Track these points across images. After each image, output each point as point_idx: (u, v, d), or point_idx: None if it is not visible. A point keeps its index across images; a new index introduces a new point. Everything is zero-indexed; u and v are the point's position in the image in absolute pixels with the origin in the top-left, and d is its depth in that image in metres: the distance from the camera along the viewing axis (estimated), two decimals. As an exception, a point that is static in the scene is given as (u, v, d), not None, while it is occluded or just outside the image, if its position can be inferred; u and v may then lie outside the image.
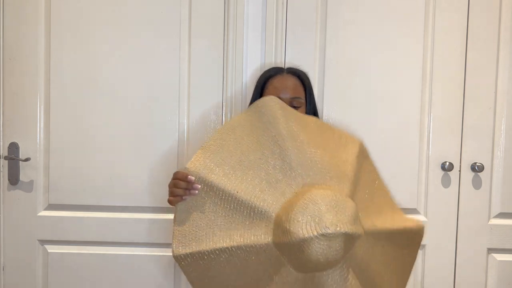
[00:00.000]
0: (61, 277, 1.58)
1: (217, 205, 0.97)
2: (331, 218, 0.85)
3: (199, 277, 1.00)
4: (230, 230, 0.95)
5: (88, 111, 1.54)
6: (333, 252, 0.86)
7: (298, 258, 0.89)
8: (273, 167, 0.97)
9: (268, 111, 1.01)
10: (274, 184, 0.96)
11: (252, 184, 0.96)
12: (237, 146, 1.00)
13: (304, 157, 0.98)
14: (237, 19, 1.53)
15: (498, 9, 1.53)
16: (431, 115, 1.55)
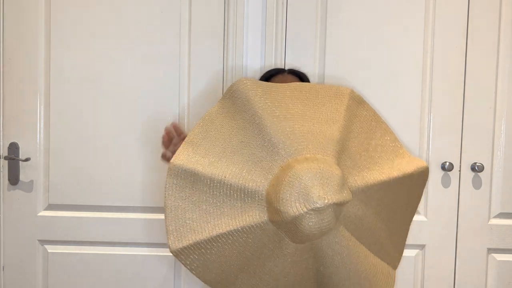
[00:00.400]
0: (61, 277, 1.58)
1: (206, 194, 0.97)
2: (318, 192, 0.87)
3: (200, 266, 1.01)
4: (224, 216, 0.95)
5: (88, 111, 1.54)
6: (325, 223, 0.89)
7: (293, 232, 0.91)
8: (256, 147, 0.98)
9: (240, 94, 1.02)
10: (259, 163, 0.96)
11: (239, 167, 0.97)
12: (219, 135, 1.01)
13: (283, 131, 0.98)
14: (237, 19, 1.53)
15: (498, 9, 1.53)
16: (431, 115, 1.55)
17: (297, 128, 1.00)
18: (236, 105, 1.02)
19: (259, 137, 0.98)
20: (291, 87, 1.07)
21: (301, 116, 1.02)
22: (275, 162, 0.96)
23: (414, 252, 1.58)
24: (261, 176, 0.95)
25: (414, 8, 1.54)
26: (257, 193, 0.94)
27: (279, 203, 0.89)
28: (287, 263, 0.98)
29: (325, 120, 1.03)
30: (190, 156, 0.99)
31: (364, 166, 1.02)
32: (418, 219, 1.57)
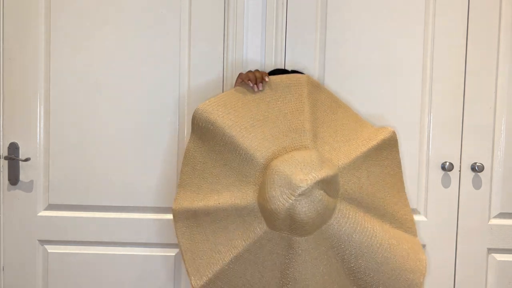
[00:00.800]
0: (61, 277, 1.58)
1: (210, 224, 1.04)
2: (298, 177, 0.89)
3: None
4: (231, 240, 1.00)
5: (88, 111, 1.54)
6: (319, 204, 0.90)
7: (294, 225, 0.92)
8: (237, 164, 1.03)
9: (204, 123, 1.06)
10: (245, 178, 1.01)
11: (229, 189, 1.02)
12: (204, 168, 1.07)
13: (256, 140, 1.02)
14: (237, 19, 1.53)
15: (498, 9, 1.53)
16: (431, 115, 1.55)
17: (267, 132, 1.03)
18: (207, 132, 1.07)
19: (236, 154, 1.02)
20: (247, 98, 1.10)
21: (267, 119, 1.06)
22: (257, 172, 0.99)
23: (414, 252, 1.58)
24: (249, 190, 0.99)
25: (414, 8, 1.54)
26: (250, 207, 0.98)
27: (268, 203, 0.91)
28: (307, 263, 0.97)
29: (290, 114, 1.06)
30: (185, 197, 1.08)
31: (341, 146, 1.06)
32: (418, 219, 1.57)
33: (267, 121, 1.06)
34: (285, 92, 1.10)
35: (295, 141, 1.02)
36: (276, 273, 1.01)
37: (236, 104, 1.07)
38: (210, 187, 1.06)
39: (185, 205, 1.07)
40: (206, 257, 1.03)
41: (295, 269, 0.99)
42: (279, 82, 1.11)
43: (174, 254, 1.58)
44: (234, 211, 1.00)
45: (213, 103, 1.07)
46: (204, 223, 1.05)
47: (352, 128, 1.13)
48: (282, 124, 1.05)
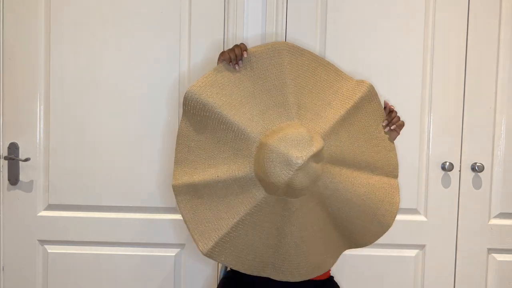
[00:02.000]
0: (61, 277, 1.58)
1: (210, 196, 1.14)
2: (295, 154, 1.03)
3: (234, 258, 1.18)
4: (232, 207, 1.13)
5: (88, 111, 1.54)
6: (312, 173, 1.06)
7: (291, 192, 1.07)
8: (231, 140, 1.13)
9: (195, 103, 1.14)
10: (239, 152, 1.13)
11: (226, 163, 1.13)
12: (198, 145, 1.17)
13: (245, 117, 1.13)
14: (237, 19, 1.53)
15: (498, 9, 1.53)
16: (431, 115, 1.55)
17: (255, 108, 1.15)
18: (198, 113, 1.15)
19: (229, 131, 1.13)
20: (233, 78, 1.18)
21: (253, 95, 1.16)
22: (250, 146, 1.12)
23: (414, 252, 1.58)
24: (245, 162, 1.12)
25: (414, 8, 1.54)
26: (248, 177, 1.11)
27: (269, 177, 1.05)
28: (300, 218, 1.13)
29: (275, 88, 1.17)
30: (183, 173, 1.16)
31: (323, 111, 1.18)
32: (418, 219, 1.57)
33: (254, 98, 1.16)
34: (266, 65, 1.18)
35: (282, 115, 1.14)
36: (274, 231, 1.15)
37: (222, 83, 1.16)
38: (206, 162, 1.15)
39: (184, 180, 1.15)
40: (210, 224, 1.14)
41: (291, 225, 1.14)
42: (259, 54, 1.19)
43: (174, 254, 1.58)
44: (233, 181, 1.12)
45: (201, 84, 1.15)
46: (205, 194, 1.14)
47: (332, 88, 1.24)
48: (267, 99, 1.16)
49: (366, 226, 1.22)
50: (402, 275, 1.58)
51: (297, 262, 1.19)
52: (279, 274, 1.21)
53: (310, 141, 1.06)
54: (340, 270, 1.54)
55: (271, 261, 1.20)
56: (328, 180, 1.12)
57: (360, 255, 1.57)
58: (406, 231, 1.57)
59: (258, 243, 1.16)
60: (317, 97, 1.21)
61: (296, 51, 1.22)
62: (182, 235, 1.57)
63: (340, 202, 1.16)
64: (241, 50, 1.18)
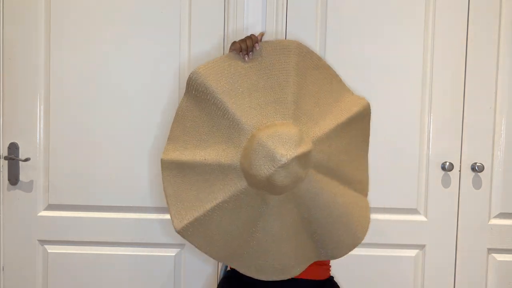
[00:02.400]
0: (61, 277, 1.58)
1: (194, 176, 1.16)
2: (280, 151, 1.04)
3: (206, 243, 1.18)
4: (213, 192, 1.14)
5: (88, 111, 1.54)
6: (294, 174, 1.06)
7: (272, 188, 1.08)
8: (225, 128, 1.15)
9: (198, 86, 1.16)
10: (230, 140, 1.14)
11: (215, 148, 1.15)
12: (193, 125, 1.18)
13: (243, 108, 1.15)
14: (237, 19, 1.53)
15: (498, 9, 1.53)
16: (431, 115, 1.55)
17: (254, 101, 1.16)
18: (199, 95, 1.17)
19: (225, 118, 1.15)
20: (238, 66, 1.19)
21: (255, 88, 1.18)
22: (242, 137, 1.13)
23: (414, 252, 1.58)
24: (233, 151, 1.13)
25: (414, 8, 1.54)
26: (233, 166, 1.12)
27: (252, 169, 1.07)
28: (275, 215, 1.15)
29: (277, 85, 1.18)
30: (174, 149, 1.18)
31: (319, 117, 1.20)
32: (418, 219, 1.57)
33: (255, 91, 1.17)
34: (274, 62, 1.20)
35: (278, 112, 1.15)
36: (248, 224, 1.16)
37: (229, 71, 1.18)
38: (198, 144, 1.17)
39: (173, 157, 1.17)
40: (188, 203, 1.16)
41: (265, 221, 1.15)
42: (269, 49, 1.20)
43: (174, 254, 1.58)
44: (218, 167, 1.13)
45: (208, 67, 1.16)
46: (189, 174, 1.16)
47: (333, 98, 1.25)
48: (268, 94, 1.17)
49: (340, 236, 1.22)
50: (402, 275, 1.58)
51: (264, 260, 1.20)
52: (244, 268, 1.23)
53: (299, 142, 1.06)
54: (340, 270, 1.54)
55: (240, 253, 1.20)
56: (310, 185, 1.13)
57: (360, 255, 1.57)
58: (406, 231, 1.57)
59: (231, 232, 1.17)
60: (316, 103, 1.22)
61: (305, 53, 1.22)
62: (182, 235, 1.57)
63: (318, 208, 1.16)
64: (253, 42, 1.19)
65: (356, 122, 1.26)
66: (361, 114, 1.26)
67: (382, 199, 1.55)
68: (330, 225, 1.19)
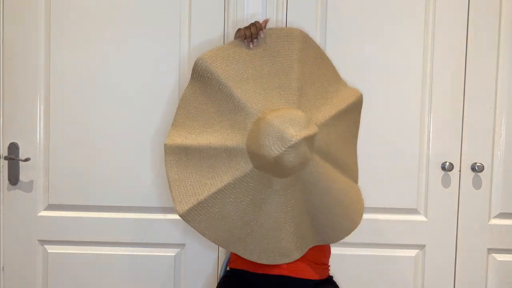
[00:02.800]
0: (61, 277, 1.58)
1: (199, 160, 1.16)
2: (290, 131, 1.05)
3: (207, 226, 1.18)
4: (217, 175, 1.15)
5: (88, 111, 1.54)
6: (302, 155, 1.08)
7: (278, 169, 1.09)
8: (230, 112, 1.16)
9: (204, 72, 1.18)
10: (235, 124, 1.15)
11: (220, 132, 1.16)
12: (198, 111, 1.19)
13: (248, 92, 1.16)
14: (237, 20, 1.53)
15: (498, 9, 1.53)
16: (431, 115, 1.55)
17: (259, 86, 1.18)
18: (204, 81, 1.18)
19: (230, 103, 1.16)
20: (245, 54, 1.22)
21: (260, 74, 1.20)
22: (247, 120, 1.14)
23: (414, 252, 1.58)
24: (239, 134, 1.14)
25: (414, 8, 1.54)
26: (239, 148, 1.13)
27: (261, 149, 1.07)
28: (280, 199, 1.16)
29: (282, 71, 1.21)
30: (178, 135, 1.19)
31: (321, 104, 1.23)
32: (418, 219, 1.57)
33: (260, 76, 1.20)
34: (278, 48, 1.23)
35: (282, 97, 1.18)
36: (251, 207, 1.16)
37: (234, 57, 1.20)
38: (202, 128, 1.18)
39: (177, 141, 1.17)
40: (192, 188, 1.16)
41: (269, 204, 1.16)
42: (273, 36, 1.24)
43: (174, 254, 1.58)
44: (223, 151, 1.14)
45: (214, 54, 1.19)
46: (193, 158, 1.16)
47: (332, 87, 1.29)
48: (272, 80, 1.20)
49: (340, 220, 1.25)
50: (402, 275, 1.58)
51: (266, 244, 1.21)
52: (246, 253, 1.23)
53: (307, 124, 1.08)
54: (339, 270, 1.54)
55: (242, 237, 1.21)
56: (314, 169, 1.15)
57: (360, 255, 1.57)
58: (406, 231, 1.57)
59: (233, 216, 1.17)
60: (318, 90, 1.25)
61: (308, 42, 1.26)
62: (182, 235, 1.57)
63: (321, 192, 1.19)
64: (257, 29, 1.21)
65: (351, 112, 1.30)
66: (356, 104, 1.31)
67: (382, 199, 1.55)
68: (330, 210, 1.22)
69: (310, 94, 1.23)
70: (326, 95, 1.26)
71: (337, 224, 1.25)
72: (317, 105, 1.22)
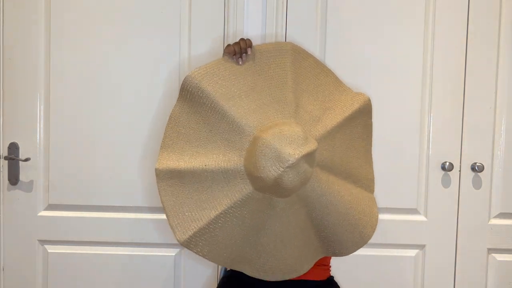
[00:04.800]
0: (61, 277, 1.58)
1: (194, 184, 1.10)
2: (288, 151, 1.00)
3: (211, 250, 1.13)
4: (215, 199, 1.09)
5: (88, 111, 1.54)
6: (302, 174, 1.03)
7: (279, 190, 1.04)
8: (224, 131, 1.10)
9: (194, 89, 1.12)
10: (231, 144, 1.10)
11: (215, 153, 1.10)
12: (188, 131, 1.13)
13: (243, 110, 1.11)
14: (237, 19, 1.53)
15: (498, 9, 1.53)
16: (431, 115, 1.55)
17: (253, 103, 1.12)
18: (194, 99, 1.12)
19: (223, 122, 1.10)
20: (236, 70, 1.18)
21: (253, 90, 1.14)
22: (244, 139, 1.09)
23: (414, 252, 1.58)
24: (236, 155, 1.08)
25: (414, 8, 1.54)
26: (237, 170, 1.07)
27: (259, 171, 1.02)
28: (283, 218, 1.11)
29: (275, 85, 1.16)
30: (169, 158, 1.12)
31: (320, 115, 1.17)
32: (418, 219, 1.57)
33: (253, 92, 1.14)
34: (270, 62, 1.18)
35: (278, 112, 1.13)
36: (254, 228, 1.12)
37: (224, 74, 1.15)
38: (195, 150, 1.12)
39: (170, 165, 1.11)
40: (190, 214, 1.10)
41: (272, 224, 1.12)
42: (263, 51, 1.19)
43: (174, 254, 1.58)
44: (220, 173, 1.08)
45: (203, 71, 1.13)
46: (189, 183, 1.11)
47: (332, 95, 1.24)
48: (266, 95, 1.15)
49: (348, 235, 1.20)
50: (402, 275, 1.58)
51: (272, 262, 1.17)
52: (253, 271, 1.19)
53: (304, 140, 1.03)
54: (340, 270, 1.54)
55: (248, 258, 1.17)
56: (316, 184, 1.10)
57: (360, 255, 1.56)
58: (406, 231, 1.57)
59: (236, 238, 1.13)
60: (317, 101, 1.20)
61: (301, 54, 1.22)
62: (182, 235, 1.57)
63: (325, 208, 1.13)
64: (246, 45, 1.18)
65: (358, 118, 1.24)
66: (363, 109, 1.25)
67: (382, 199, 1.55)
68: (337, 224, 1.17)
69: (308, 106, 1.18)
70: (326, 105, 1.21)
71: (345, 239, 1.20)
72: (317, 116, 1.17)
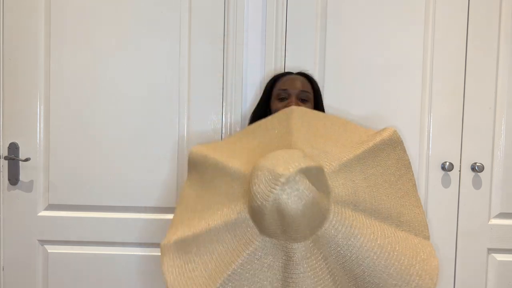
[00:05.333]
0: (61, 277, 1.58)
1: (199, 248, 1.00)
2: (281, 166, 0.86)
3: None
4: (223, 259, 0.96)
5: (88, 111, 1.54)
6: (303, 193, 0.85)
7: (285, 225, 0.88)
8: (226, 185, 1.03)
9: (198, 158, 1.12)
10: (234, 194, 1.00)
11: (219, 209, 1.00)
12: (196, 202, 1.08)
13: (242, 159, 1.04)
14: (237, 20, 1.53)
15: (498, 9, 1.53)
16: (431, 115, 1.55)
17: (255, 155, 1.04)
18: (198, 166, 1.12)
19: (226, 176, 1.04)
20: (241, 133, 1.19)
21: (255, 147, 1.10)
22: (245, 183, 0.98)
23: (414, 252, 1.58)
24: (239, 203, 0.97)
25: (414, 8, 1.54)
26: (241, 219, 0.95)
27: (254, 200, 0.87)
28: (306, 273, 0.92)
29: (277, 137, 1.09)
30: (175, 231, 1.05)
31: (332, 149, 1.04)
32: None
33: (257, 148, 1.09)
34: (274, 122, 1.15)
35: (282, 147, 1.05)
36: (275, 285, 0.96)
37: (224, 141, 1.20)
38: (200, 215, 1.04)
39: (174, 238, 1.04)
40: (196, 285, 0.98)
41: (294, 283, 0.93)
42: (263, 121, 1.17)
43: (174, 254, 1.58)
44: (224, 228, 0.97)
45: (204, 144, 1.18)
46: (193, 249, 1.01)
47: (343, 134, 1.11)
48: (268, 146, 1.07)
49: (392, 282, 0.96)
50: (402, 275, 1.58)
51: None
52: None
53: (302, 158, 0.89)
54: (340, 270, 1.54)
55: None
56: (339, 225, 0.91)
57: (360, 255, 1.57)
58: (406, 231, 1.57)
59: None
60: (326, 141, 1.07)
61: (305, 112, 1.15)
62: (182, 235, 1.57)
63: (356, 254, 0.92)
64: None
65: (384, 151, 1.07)
66: (388, 142, 1.07)
67: (382, 199, 1.55)
68: (378, 277, 0.94)
69: (317, 143, 1.05)
70: (337, 141, 1.07)
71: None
72: (327, 151, 1.03)
